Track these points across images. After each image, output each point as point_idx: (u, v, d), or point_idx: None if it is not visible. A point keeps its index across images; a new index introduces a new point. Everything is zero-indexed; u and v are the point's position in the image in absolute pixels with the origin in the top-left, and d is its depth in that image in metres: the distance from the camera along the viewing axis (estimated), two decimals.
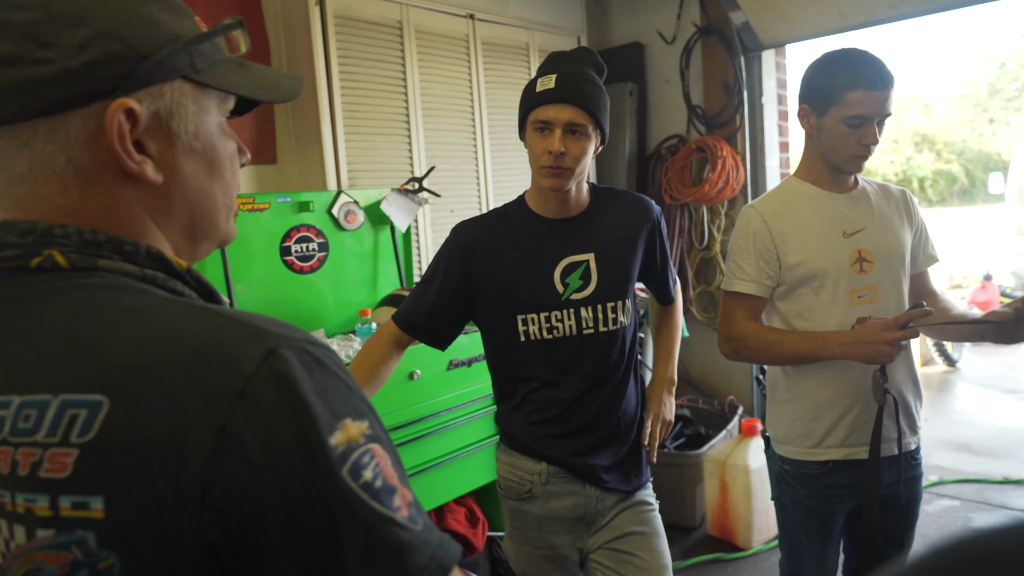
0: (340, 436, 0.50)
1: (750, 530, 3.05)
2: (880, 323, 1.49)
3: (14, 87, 0.53)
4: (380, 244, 2.77)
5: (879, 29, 3.37)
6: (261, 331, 0.52)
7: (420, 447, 2.28)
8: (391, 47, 2.86)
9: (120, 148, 0.55)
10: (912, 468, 1.70)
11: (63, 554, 0.49)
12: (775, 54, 3.64)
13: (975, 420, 4.74)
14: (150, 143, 0.58)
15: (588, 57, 1.52)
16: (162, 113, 0.58)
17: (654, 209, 1.63)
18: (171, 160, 0.59)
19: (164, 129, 0.58)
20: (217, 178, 0.64)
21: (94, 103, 0.54)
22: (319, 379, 0.51)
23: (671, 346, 1.77)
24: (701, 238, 3.70)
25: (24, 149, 0.55)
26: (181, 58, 0.58)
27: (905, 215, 1.72)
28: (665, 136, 3.83)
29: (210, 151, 0.62)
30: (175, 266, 0.60)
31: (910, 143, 23.49)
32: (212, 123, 0.62)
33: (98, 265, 0.56)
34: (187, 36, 0.59)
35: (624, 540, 1.56)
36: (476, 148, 3.22)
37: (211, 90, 0.61)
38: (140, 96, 0.56)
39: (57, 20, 0.53)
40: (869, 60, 1.56)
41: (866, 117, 1.55)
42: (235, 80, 0.63)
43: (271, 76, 0.68)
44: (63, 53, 0.53)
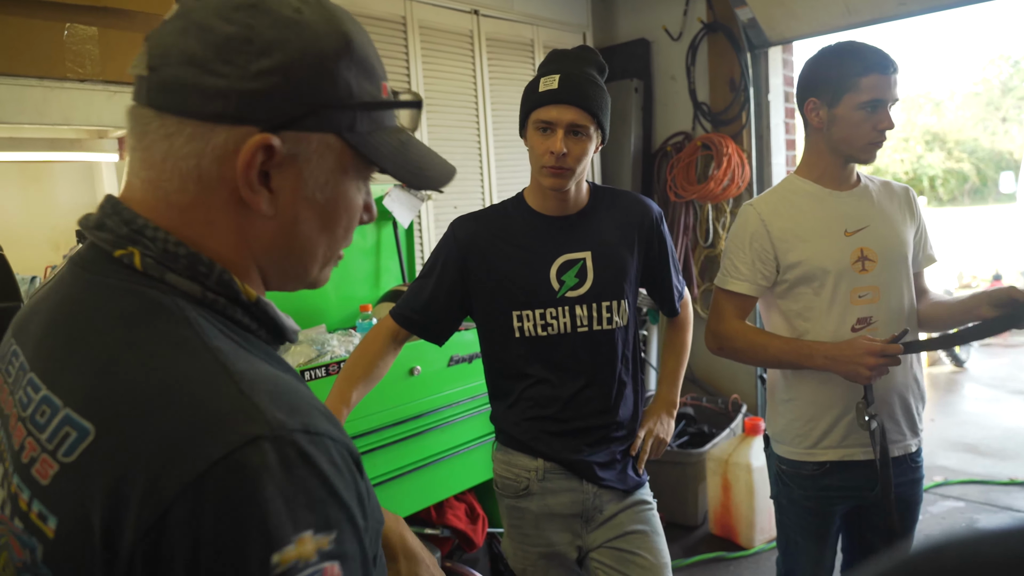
0: (290, 552, 0.46)
1: (752, 529, 3.05)
2: (866, 345, 1.49)
3: (183, 84, 0.56)
4: (383, 240, 2.77)
5: (888, 25, 3.34)
6: (256, 411, 0.50)
7: (420, 443, 2.28)
8: (395, 43, 2.86)
9: (243, 175, 0.57)
10: (913, 470, 1.69)
11: (22, 550, 0.52)
12: (782, 51, 3.62)
13: (982, 421, 4.71)
14: (277, 178, 0.59)
15: (590, 57, 1.52)
16: (300, 157, 0.59)
17: (654, 210, 1.62)
18: (289, 201, 0.61)
19: (296, 171, 0.60)
20: (328, 231, 0.65)
21: (244, 126, 0.57)
22: (296, 478, 0.48)
23: (677, 368, 1.75)
24: (706, 236, 3.69)
25: (166, 140, 0.57)
26: (343, 117, 0.60)
27: (908, 213, 1.70)
28: (671, 133, 3.81)
29: (331, 205, 0.63)
30: (242, 295, 0.60)
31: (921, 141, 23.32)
32: (346, 182, 0.63)
33: (165, 278, 0.57)
34: (360, 99, 0.61)
35: (624, 539, 1.56)
36: (480, 144, 3.21)
37: (359, 155, 0.63)
38: (287, 136, 0.58)
39: (251, 43, 0.56)
40: (874, 47, 1.58)
41: (881, 101, 1.55)
42: (385, 154, 0.64)
43: (424, 160, 0.69)
44: (239, 74, 0.56)
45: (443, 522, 2.41)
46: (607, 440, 1.57)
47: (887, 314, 1.62)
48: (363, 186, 0.66)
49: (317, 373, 1.97)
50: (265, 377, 0.54)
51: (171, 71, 0.56)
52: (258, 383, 0.52)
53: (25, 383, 0.57)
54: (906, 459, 1.67)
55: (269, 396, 0.51)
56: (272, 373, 0.55)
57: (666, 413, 1.69)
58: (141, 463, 0.47)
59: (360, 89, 0.61)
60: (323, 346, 2.08)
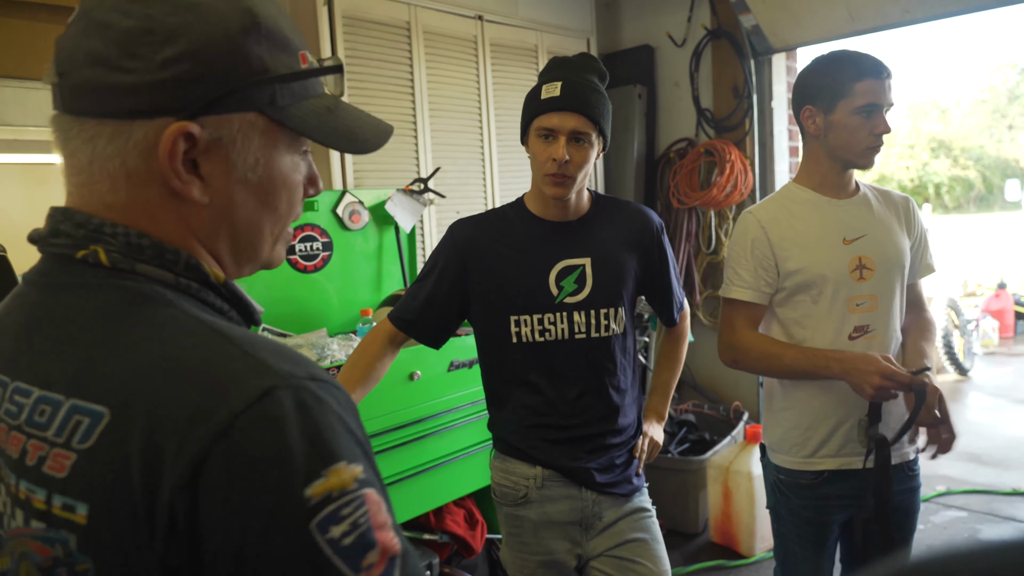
0: (320, 485, 0.48)
1: (753, 537, 3.03)
2: (881, 365, 1.48)
3: (92, 86, 0.56)
4: (384, 244, 2.77)
5: (891, 33, 3.34)
6: (264, 366, 0.52)
7: (420, 448, 2.28)
8: (399, 47, 2.87)
9: (168, 166, 0.57)
10: (910, 479, 1.68)
11: (49, 548, 0.52)
12: (786, 58, 3.62)
13: (985, 430, 4.69)
14: (205, 164, 0.59)
15: (591, 64, 1.52)
16: (225, 140, 0.59)
17: (655, 221, 1.62)
18: (222, 185, 0.60)
19: (223, 155, 0.59)
20: (268, 209, 0.64)
21: (161, 117, 0.56)
22: (316, 419, 0.50)
23: (670, 380, 1.77)
24: (709, 242, 3.68)
25: (88, 144, 0.57)
26: (261, 93, 0.59)
27: (905, 222, 1.70)
28: (674, 139, 3.81)
29: (267, 183, 0.63)
30: (211, 278, 0.61)
31: (926, 149, 23.28)
32: (278, 158, 0.63)
33: (136, 269, 0.58)
34: (277, 72, 0.60)
35: (625, 547, 1.55)
36: (483, 149, 3.22)
37: (286, 128, 0.62)
38: (206, 121, 0.57)
39: (152, 34, 0.55)
40: (866, 54, 1.59)
41: (876, 105, 1.56)
42: (313, 124, 0.63)
43: (356, 124, 0.68)
44: (146, 66, 0.55)
45: (442, 528, 2.41)
46: (606, 447, 1.57)
47: (884, 323, 1.62)
48: (300, 160, 0.66)
49: None
50: (261, 338, 0.56)
51: (80, 74, 0.56)
52: (258, 343, 0.54)
53: (9, 394, 0.56)
54: (903, 467, 1.67)
55: (271, 352, 0.53)
56: (265, 336, 0.57)
57: (656, 422, 1.72)
58: (166, 429, 0.48)
59: (275, 62, 0.60)
60: (323, 350, 2.09)
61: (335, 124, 0.65)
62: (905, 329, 1.72)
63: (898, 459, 1.65)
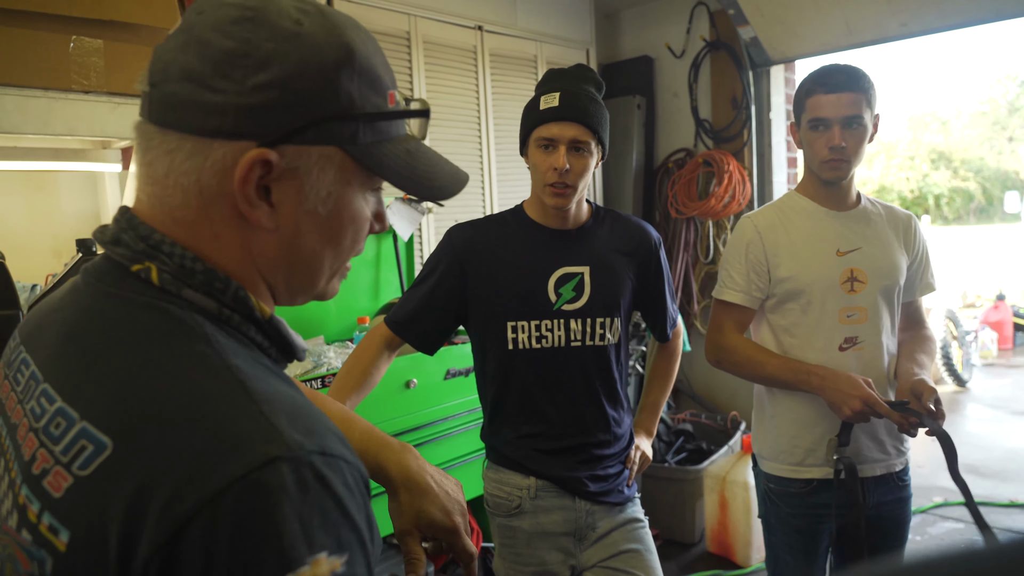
0: (304, 573, 0.46)
1: (749, 547, 3.03)
2: (862, 389, 1.51)
3: (181, 100, 0.56)
4: (383, 252, 2.79)
5: (891, 45, 3.36)
6: (275, 432, 0.49)
7: None
8: (399, 57, 2.89)
9: (240, 190, 0.57)
10: (899, 489, 1.68)
11: (29, 562, 0.51)
12: (784, 69, 3.64)
13: (983, 442, 4.69)
14: (277, 192, 0.58)
15: (588, 75, 1.54)
16: (300, 170, 0.58)
17: (653, 236, 1.64)
18: (290, 215, 0.60)
19: (296, 185, 0.59)
20: (333, 243, 0.63)
21: (242, 140, 0.56)
22: (312, 500, 0.48)
23: (660, 398, 1.78)
24: (707, 252, 3.69)
25: (168, 156, 0.57)
26: (344, 129, 0.59)
27: (905, 239, 1.71)
28: (672, 150, 3.83)
29: (335, 217, 0.62)
30: (256, 312, 0.60)
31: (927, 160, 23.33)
32: (350, 194, 0.62)
33: (183, 293, 0.57)
34: (363, 110, 0.60)
35: (618, 558, 1.56)
36: (482, 159, 3.24)
37: (362, 165, 0.62)
38: (285, 149, 0.57)
39: (248, 57, 0.55)
40: (831, 68, 1.61)
41: (824, 119, 1.59)
42: (391, 165, 0.63)
43: (433, 169, 0.67)
44: (236, 89, 0.55)
45: None
46: (600, 457, 1.57)
47: (874, 335, 1.64)
48: (371, 197, 0.65)
49: (313, 385, 1.98)
50: (282, 397, 0.53)
51: (171, 87, 0.56)
52: (276, 403, 0.52)
53: (38, 393, 0.56)
54: (891, 478, 1.67)
55: (287, 416, 0.51)
56: (288, 393, 0.55)
57: (645, 437, 1.73)
58: (159, 478, 0.47)
59: (363, 100, 0.60)
60: (319, 357, 2.09)
61: (412, 168, 0.65)
62: (903, 343, 1.73)
63: (884, 469, 1.66)
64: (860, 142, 1.60)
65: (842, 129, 1.58)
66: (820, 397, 1.59)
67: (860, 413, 1.51)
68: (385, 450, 0.89)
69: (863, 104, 1.58)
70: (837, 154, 1.59)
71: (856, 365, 1.62)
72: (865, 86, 1.59)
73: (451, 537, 0.86)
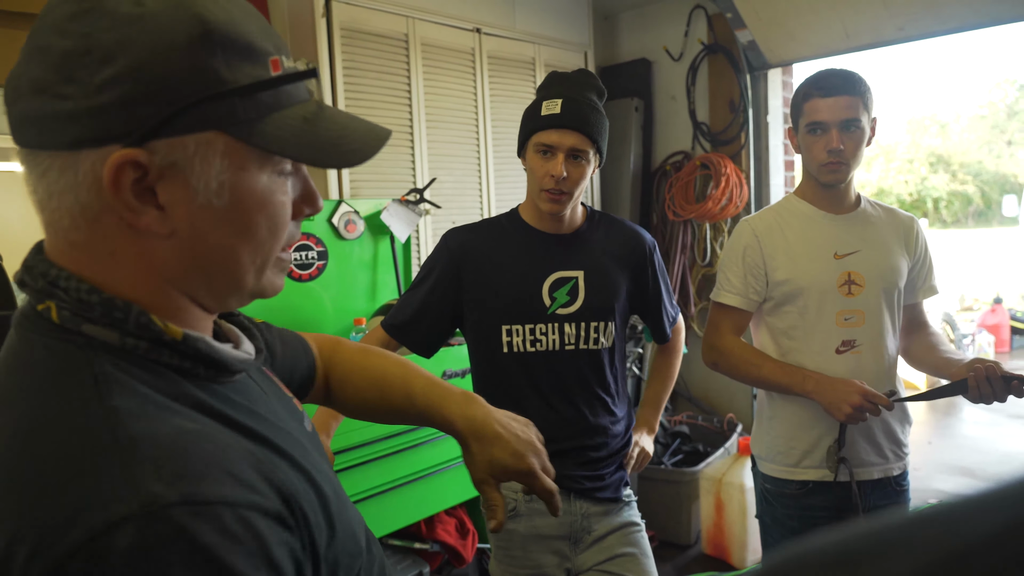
0: None
1: (745, 549, 3.04)
2: (858, 387, 1.52)
3: (38, 116, 0.52)
4: (380, 254, 2.79)
5: (888, 50, 3.37)
6: (127, 488, 0.45)
7: (413, 457, 2.29)
8: (396, 59, 2.90)
9: (116, 199, 0.52)
10: (897, 494, 1.69)
11: None
12: (782, 73, 3.65)
13: (980, 445, 4.70)
14: (163, 193, 0.54)
15: (591, 82, 1.54)
16: (180, 164, 0.53)
17: (648, 240, 1.65)
18: (185, 214, 0.55)
19: (182, 181, 0.54)
20: (244, 236, 0.58)
21: (108, 145, 0.51)
22: (164, 558, 0.44)
23: (661, 393, 1.79)
24: (704, 254, 3.70)
25: (43, 178, 0.54)
26: (217, 109, 0.53)
27: (905, 243, 1.71)
28: (670, 152, 3.84)
29: (237, 209, 0.57)
30: (166, 336, 0.55)
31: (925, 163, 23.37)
32: (248, 179, 0.56)
33: (82, 330, 0.54)
34: (236, 84, 0.53)
35: (615, 562, 1.56)
36: (479, 160, 3.24)
37: (251, 146, 0.55)
38: (157, 145, 0.52)
39: (90, 54, 0.50)
40: (827, 72, 1.62)
41: (821, 123, 1.60)
42: (286, 138, 0.56)
43: (341, 132, 0.60)
44: (83, 91, 0.50)
45: (433, 537, 2.42)
46: (596, 460, 1.57)
47: (872, 338, 1.64)
48: (280, 178, 0.59)
49: None
50: (159, 439, 0.49)
51: (23, 104, 0.52)
52: (144, 448, 0.48)
53: None
54: (889, 482, 1.68)
55: (153, 463, 0.47)
56: (173, 431, 0.50)
57: (647, 433, 1.73)
58: (16, 546, 0.44)
59: (235, 73, 0.53)
60: None
61: (313, 137, 0.58)
62: (913, 344, 1.74)
63: (881, 473, 1.67)
64: (858, 145, 1.61)
65: (840, 132, 1.59)
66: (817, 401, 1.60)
67: (859, 409, 1.50)
68: (448, 402, 0.88)
69: (860, 107, 1.59)
70: (835, 157, 1.60)
71: (853, 368, 1.63)
72: (862, 89, 1.60)
73: (527, 479, 0.84)
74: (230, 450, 0.51)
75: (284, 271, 0.64)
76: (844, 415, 1.52)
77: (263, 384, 0.70)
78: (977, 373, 1.45)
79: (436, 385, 0.90)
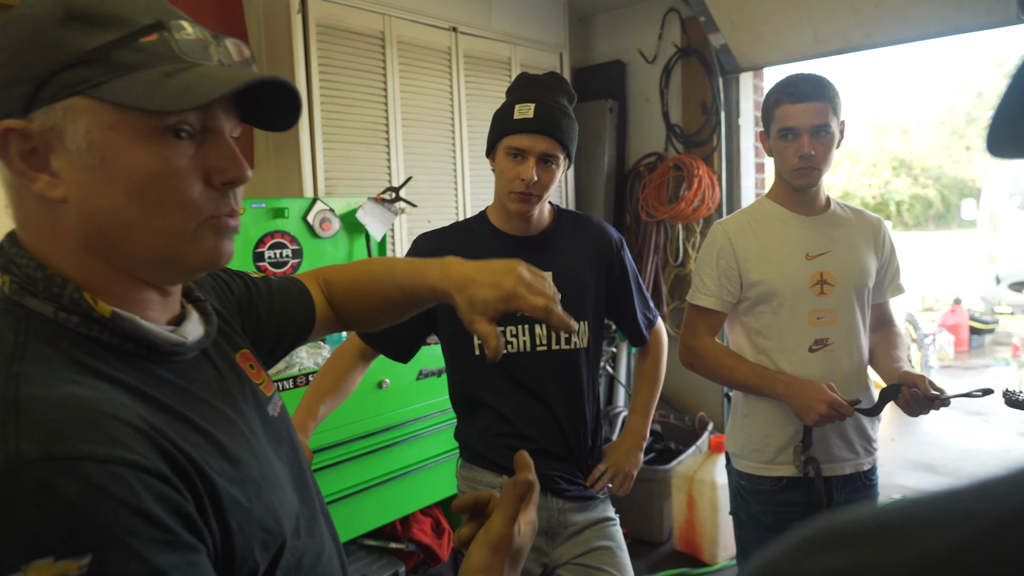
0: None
1: (716, 546, 3.08)
2: (827, 393, 1.56)
3: None
4: (355, 253, 2.78)
5: (855, 56, 3.45)
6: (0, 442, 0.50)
7: (388, 456, 2.28)
8: (372, 57, 2.88)
9: (11, 167, 0.60)
10: (867, 488, 1.73)
11: None
12: (753, 76, 3.71)
13: (940, 441, 4.82)
14: (54, 160, 0.60)
15: (562, 86, 1.55)
16: (56, 130, 0.59)
17: (614, 236, 1.66)
18: (71, 177, 0.60)
19: (62, 146, 0.59)
20: (135, 197, 0.60)
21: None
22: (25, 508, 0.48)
23: (650, 400, 1.74)
24: (676, 255, 3.75)
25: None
26: (75, 75, 0.58)
27: (874, 243, 1.76)
28: (643, 153, 3.87)
29: (116, 168, 0.59)
30: (95, 312, 0.60)
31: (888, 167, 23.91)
32: (121, 138, 0.59)
33: (24, 302, 0.60)
34: (86, 51, 0.59)
35: (590, 555, 1.57)
36: (455, 159, 3.24)
37: (109, 103, 0.59)
38: (34, 115, 0.59)
39: None
40: (797, 77, 1.65)
41: (793, 129, 1.63)
42: (137, 92, 0.58)
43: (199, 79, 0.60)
44: None
45: (408, 536, 2.41)
46: (570, 458, 1.59)
47: (844, 336, 1.68)
48: (171, 139, 0.61)
49: (285, 385, 1.97)
50: (45, 402, 0.53)
51: None
52: (27, 410, 0.52)
53: None
54: (860, 476, 1.72)
55: (29, 423, 0.51)
56: (62, 396, 0.54)
57: (635, 447, 1.68)
58: None
59: (95, 41, 0.59)
60: (291, 358, 2.08)
61: (163, 87, 0.59)
62: (877, 343, 1.79)
63: (852, 468, 1.71)
64: (828, 149, 1.64)
65: (811, 138, 1.62)
66: None
67: (825, 417, 1.55)
68: (427, 275, 0.90)
69: (829, 112, 1.62)
70: (807, 162, 1.63)
71: (826, 366, 1.67)
72: (831, 94, 1.63)
73: (514, 303, 0.82)
74: (117, 415, 0.54)
75: (226, 236, 0.66)
76: (811, 421, 1.57)
77: (223, 368, 0.73)
78: (904, 394, 1.57)
79: (415, 264, 0.94)
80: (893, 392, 1.61)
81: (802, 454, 1.63)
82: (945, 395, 1.55)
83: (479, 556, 0.74)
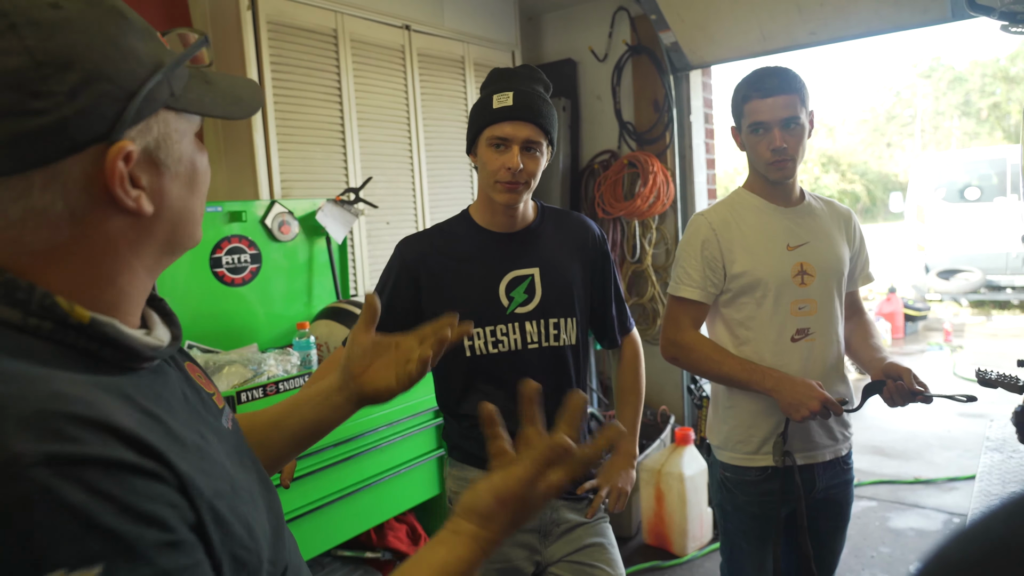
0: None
1: (685, 537, 3.11)
2: (818, 392, 1.58)
3: (10, 141, 0.51)
4: (315, 256, 2.70)
5: (799, 53, 3.54)
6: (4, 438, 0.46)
7: (359, 465, 2.21)
8: (326, 55, 2.81)
9: (121, 191, 0.56)
10: (844, 472, 1.77)
11: None
12: (702, 74, 3.77)
13: (886, 425, 5.01)
14: (141, 176, 0.58)
15: (537, 76, 1.54)
16: (151, 146, 0.58)
17: (597, 231, 1.66)
18: (159, 188, 0.60)
19: (153, 160, 0.59)
20: (197, 193, 0.65)
21: (90, 147, 0.54)
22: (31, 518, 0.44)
23: (635, 417, 1.71)
24: (633, 251, 3.78)
25: (20, 200, 0.53)
26: (162, 88, 0.58)
27: (846, 233, 1.79)
28: (597, 151, 3.90)
29: (192, 171, 0.64)
30: (71, 319, 0.56)
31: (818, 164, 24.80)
32: (189, 144, 0.63)
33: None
34: (162, 62, 0.58)
35: (583, 552, 1.56)
36: (412, 159, 3.19)
37: (188, 113, 0.62)
38: (132, 134, 0.56)
39: (45, 66, 0.51)
40: (764, 71, 1.67)
41: (763, 123, 1.65)
42: (208, 101, 0.63)
43: (233, 87, 0.68)
44: (56, 101, 0.51)
45: (384, 544, 2.35)
46: None
47: (824, 326, 1.71)
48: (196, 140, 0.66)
49: (254, 394, 1.89)
50: (30, 400, 0.48)
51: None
52: (13, 408, 0.47)
53: None
54: (838, 462, 1.75)
55: (17, 422, 0.47)
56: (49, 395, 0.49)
57: (627, 465, 1.67)
58: None
59: (154, 51, 0.58)
60: (259, 366, 2.00)
61: (221, 91, 0.65)
62: (852, 331, 1.82)
63: (832, 455, 1.74)
64: (800, 140, 1.66)
65: (781, 131, 1.63)
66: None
67: (816, 413, 1.57)
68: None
69: (798, 104, 1.64)
70: (780, 155, 1.65)
71: (807, 355, 1.69)
72: (798, 86, 1.65)
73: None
74: (110, 416, 0.51)
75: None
76: (800, 416, 1.58)
77: (182, 375, 0.71)
78: (889, 388, 1.61)
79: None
80: (877, 387, 1.63)
81: (782, 447, 1.65)
82: (928, 393, 1.58)
83: (484, 500, 0.72)
